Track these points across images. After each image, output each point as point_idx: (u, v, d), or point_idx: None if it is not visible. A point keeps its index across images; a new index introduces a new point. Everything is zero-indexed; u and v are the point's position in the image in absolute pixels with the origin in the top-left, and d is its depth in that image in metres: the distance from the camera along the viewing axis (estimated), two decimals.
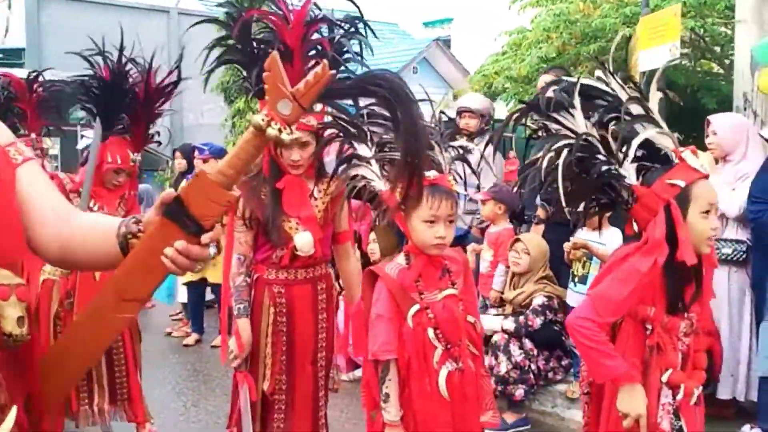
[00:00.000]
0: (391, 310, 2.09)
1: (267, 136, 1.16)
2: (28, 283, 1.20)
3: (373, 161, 2.17)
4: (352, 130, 2.23)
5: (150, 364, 4.98)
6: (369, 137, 2.20)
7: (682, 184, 1.98)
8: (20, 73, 8.05)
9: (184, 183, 4.61)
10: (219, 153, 5.55)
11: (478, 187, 4.75)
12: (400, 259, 2.18)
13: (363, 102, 2.45)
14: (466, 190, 3.31)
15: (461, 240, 5.03)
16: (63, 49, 3.62)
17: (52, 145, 7.07)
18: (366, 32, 2.71)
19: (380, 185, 2.14)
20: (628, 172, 2.05)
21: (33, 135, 3.83)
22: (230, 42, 2.61)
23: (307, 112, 1.23)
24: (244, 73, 2.63)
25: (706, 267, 2.11)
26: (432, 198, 2.04)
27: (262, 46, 2.58)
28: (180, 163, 5.94)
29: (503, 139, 10.92)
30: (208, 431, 3.41)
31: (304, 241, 2.63)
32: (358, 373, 4.41)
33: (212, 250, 1.15)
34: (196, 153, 5.72)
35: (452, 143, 2.31)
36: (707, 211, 2.00)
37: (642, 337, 2.06)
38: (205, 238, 1.21)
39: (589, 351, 2.01)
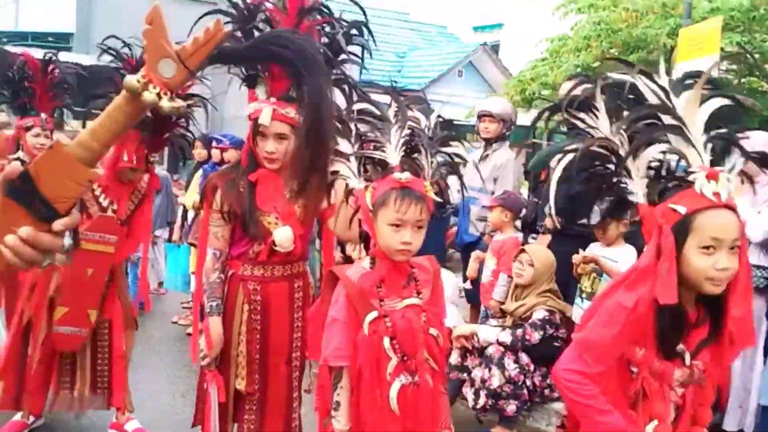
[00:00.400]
0: (347, 315, 2.00)
1: (143, 101, 0.98)
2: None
3: (352, 158, 2.10)
4: (337, 124, 2.17)
5: (150, 350, 5.02)
6: (353, 133, 2.12)
7: (682, 211, 1.69)
8: (67, 57, 8.19)
9: (200, 173, 4.60)
10: (239, 144, 5.53)
11: (493, 194, 4.69)
12: (365, 262, 2.10)
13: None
14: (464, 197, 3.23)
15: (472, 247, 4.93)
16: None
17: (78, 128, 7.19)
18: (365, 34, 2.63)
19: (355, 183, 2.07)
20: (637, 187, 1.82)
21: (43, 115, 3.86)
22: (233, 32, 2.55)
23: (193, 76, 1.03)
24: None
25: (733, 310, 1.75)
26: (400, 201, 1.95)
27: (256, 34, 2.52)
28: (200, 153, 5.94)
29: (534, 147, 10.73)
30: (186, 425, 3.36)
31: (283, 236, 2.56)
32: None
33: (67, 241, 1.02)
34: (214, 143, 5.72)
35: (443, 149, 2.22)
36: (709, 246, 1.68)
37: (626, 380, 1.82)
38: (57, 224, 1.00)
39: (580, 407, 1.80)
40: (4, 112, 5.19)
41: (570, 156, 1.86)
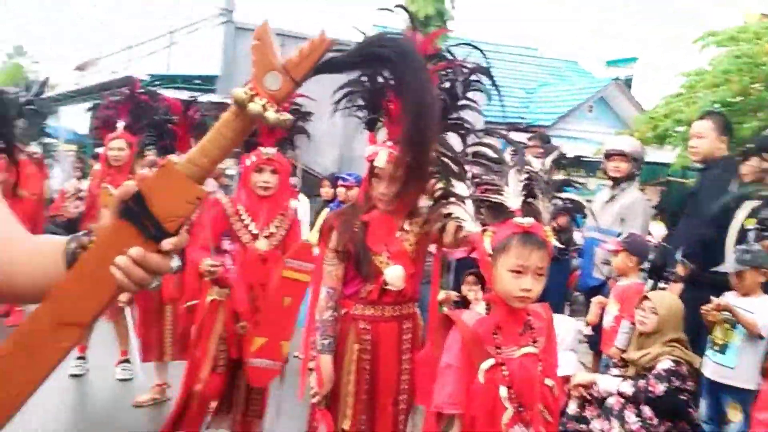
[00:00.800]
0: (462, 361, 1.98)
1: (248, 112, 0.99)
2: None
3: (468, 201, 2.11)
4: (453, 167, 2.19)
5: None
6: (469, 176, 2.15)
7: None
8: (211, 98, 8.73)
9: (326, 211, 4.78)
10: None
11: (620, 236, 4.51)
12: (480, 308, 2.10)
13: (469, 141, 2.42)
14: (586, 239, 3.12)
15: (597, 290, 4.75)
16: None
17: (231, 166, 7.62)
18: (487, 78, 2.62)
19: (471, 227, 2.08)
20: None
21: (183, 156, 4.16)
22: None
23: (298, 87, 1.03)
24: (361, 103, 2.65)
25: None
26: (522, 247, 1.93)
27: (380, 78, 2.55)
28: (326, 191, 6.16)
29: (668, 184, 10.22)
30: None
31: (394, 274, 2.59)
32: None
33: (175, 262, 1.04)
34: (340, 181, 5.91)
35: (559, 195, 2.19)
36: None
37: None
38: (166, 244, 0.99)
39: None
40: (152, 153, 5.66)
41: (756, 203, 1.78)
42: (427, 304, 2.88)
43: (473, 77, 2.57)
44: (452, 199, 2.14)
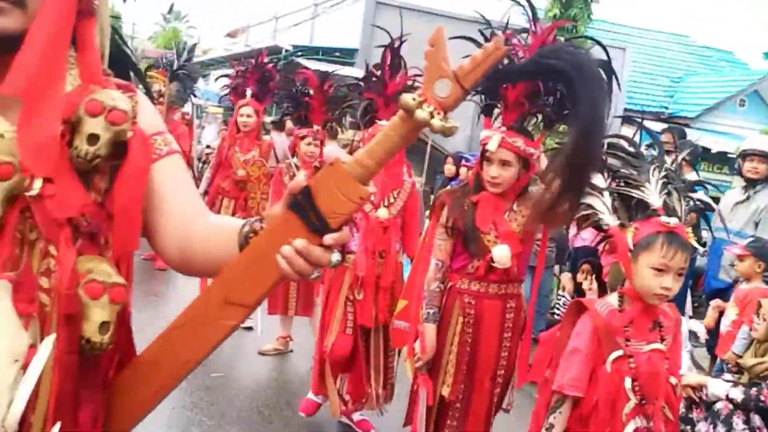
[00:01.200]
0: (590, 348, 2.06)
1: (416, 119, 0.99)
2: None
3: (605, 193, 2.13)
4: None
5: None
6: (606, 167, 2.16)
7: None
8: (350, 72, 9.09)
9: (447, 188, 4.89)
10: None
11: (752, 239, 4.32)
12: (612, 298, 2.14)
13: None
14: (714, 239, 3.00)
15: (722, 293, 4.58)
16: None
17: (350, 137, 7.90)
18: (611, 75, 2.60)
19: (610, 220, 2.11)
20: None
21: (315, 127, 4.41)
22: None
23: (467, 95, 1.03)
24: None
25: None
26: (667, 246, 1.97)
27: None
28: (449, 169, 6.27)
29: None
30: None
31: (501, 253, 2.67)
32: None
33: (335, 257, 1.07)
34: (464, 161, 6.00)
35: (690, 195, 2.20)
36: None
37: None
38: (328, 238, 1.03)
39: None
40: (290, 121, 6.00)
41: None
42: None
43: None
44: (588, 190, 2.11)
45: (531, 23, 2.57)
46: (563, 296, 5.07)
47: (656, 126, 9.12)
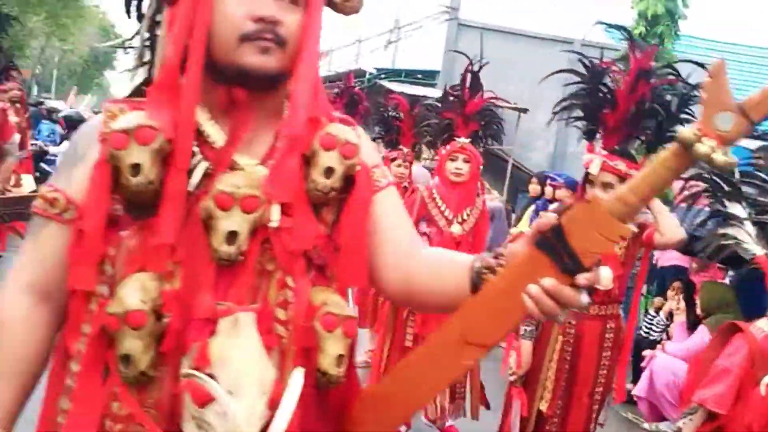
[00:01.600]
0: (743, 369, 2.10)
1: (694, 153, 0.93)
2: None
3: (747, 223, 2.14)
4: (725, 187, 2.21)
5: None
6: (743, 197, 2.17)
7: None
8: (431, 93, 9.15)
9: (532, 208, 4.96)
10: (572, 184, 5.71)
11: None
12: (763, 323, 2.17)
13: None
14: None
15: None
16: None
17: (429, 157, 8.03)
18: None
19: (755, 249, 2.11)
20: None
21: (405, 149, 4.56)
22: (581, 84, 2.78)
23: (753, 129, 0.98)
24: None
25: None
26: None
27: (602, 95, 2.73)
28: (534, 189, 6.27)
29: None
30: None
31: (604, 275, 2.70)
32: (663, 427, 4.25)
33: (586, 298, 0.99)
34: (549, 180, 5.99)
35: None
36: None
37: None
38: (581, 278, 0.96)
39: None
40: (380, 145, 6.18)
41: None
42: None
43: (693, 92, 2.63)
44: (730, 221, 2.14)
45: (631, 50, 2.65)
46: (656, 316, 5.00)
47: (751, 144, 8.83)
